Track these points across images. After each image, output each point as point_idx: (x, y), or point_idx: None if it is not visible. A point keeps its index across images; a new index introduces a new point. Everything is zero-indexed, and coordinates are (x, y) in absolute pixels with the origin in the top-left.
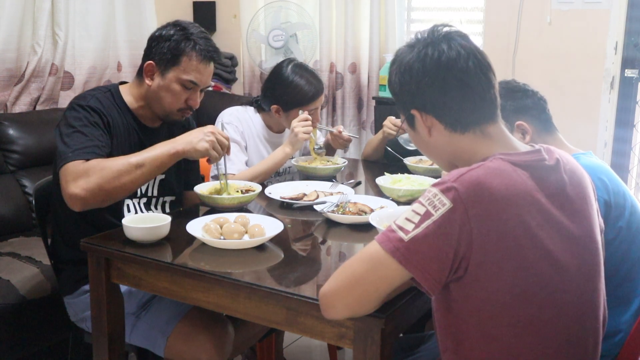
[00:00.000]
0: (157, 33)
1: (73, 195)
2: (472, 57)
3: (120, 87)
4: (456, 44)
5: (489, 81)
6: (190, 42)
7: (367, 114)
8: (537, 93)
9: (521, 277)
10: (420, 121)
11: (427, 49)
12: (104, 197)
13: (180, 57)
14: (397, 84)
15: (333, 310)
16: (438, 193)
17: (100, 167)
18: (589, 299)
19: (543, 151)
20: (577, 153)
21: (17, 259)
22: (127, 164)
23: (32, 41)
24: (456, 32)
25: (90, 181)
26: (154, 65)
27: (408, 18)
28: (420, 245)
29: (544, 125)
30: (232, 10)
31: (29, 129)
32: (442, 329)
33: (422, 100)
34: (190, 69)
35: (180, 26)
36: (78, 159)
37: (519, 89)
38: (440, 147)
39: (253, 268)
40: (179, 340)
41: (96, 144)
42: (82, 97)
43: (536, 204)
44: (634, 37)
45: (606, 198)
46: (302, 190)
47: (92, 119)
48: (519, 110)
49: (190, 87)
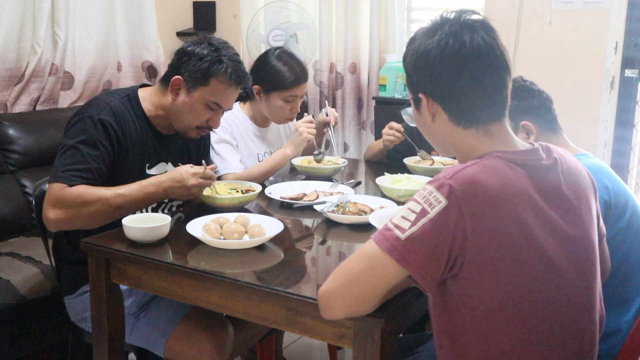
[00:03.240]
0: (190, 48)
1: (48, 220)
2: (492, 55)
3: (140, 91)
4: (478, 38)
5: (504, 82)
6: (222, 65)
7: (367, 114)
8: (543, 92)
9: (515, 275)
10: (426, 106)
11: (449, 39)
12: (78, 227)
13: (210, 78)
14: (411, 65)
15: (331, 311)
16: (433, 190)
17: (80, 202)
18: (584, 299)
19: (541, 150)
20: (577, 154)
21: (17, 259)
22: (106, 205)
23: (32, 41)
24: (482, 23)
25: (67, 212)
26: (181, 80)
27: (408, 18)
28: (416, 244)
29: (548, 125)
30: (232, 10)
31: (29, 129)
32: (438, 326)
33: (432, 87)
34: (218, 91)
35: (214, 46)
36: (63, 182)
37: (525, 89)
38: (440, 135)
39: (253, 268)
40: (179, 340)
41: (88, 167)
42: (97, 104)
43: (531, 203)
44: (634, 37)
45: (606, 199)
46: (302, 190)
47: (96, 135)
48: (525, 110)
49: (214, 109)
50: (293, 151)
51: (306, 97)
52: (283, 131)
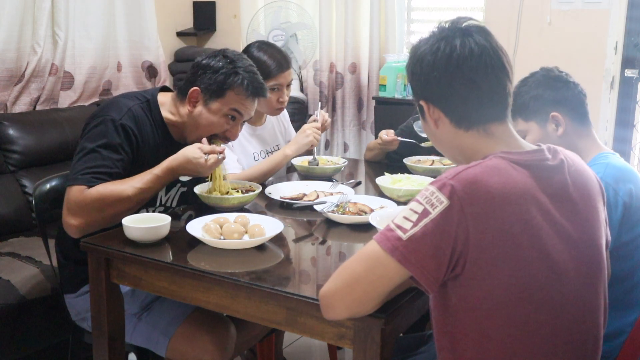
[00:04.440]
0: (205, 62)
1: (70, 226)
2: (485, 56)
3: (159, 95)
4: (471, 41)
5: (500, 82)
6: (238, 77)
7: (367, 114)
8: (578, 85)
9: (517, 276)
10: (428, 112)
11: (440, 43)
12: (101, 228)
13: (226, 90)
14: (409, 72)
15: (333, 311)
16: (435, 191)
17: (102, 204)
18: (588, 302)
19: (546, 151)
20: (604, 152)
21: (17, 259)
22: (128, 203)
23: (32, 41)
24: (476, 27)
25: (89, 217)
26: (199, 92)
27: (408, 18)
28: (418, 244)
29: (579, 120)
30: (232, 10)
31: (29, 129)
32: (439, 328)
33: (430, 93)
34: (235, 102)
35: (229, 58)
36: (83, 184)
37: (560, 79)
38: (446, 140)
39: (253, 268)
40: (181, 341)
41: (108, 171)
42: (118, 108)
43: (535, 203)
44: (634, 37)
45: (626, 200)
46: (302, 190)
47: (117, 140)
48: (557, 101)
49: (235, 117)
50: (294, 152)
51: (306, 97)
52: (278, 129)
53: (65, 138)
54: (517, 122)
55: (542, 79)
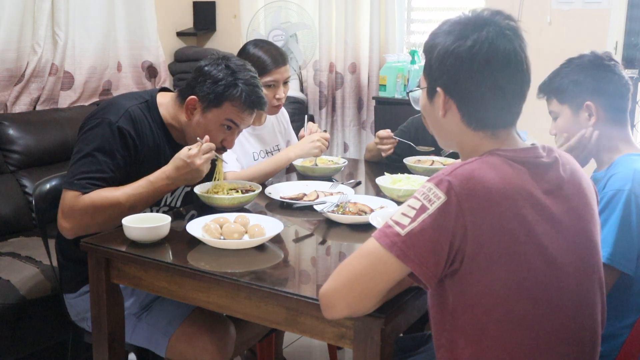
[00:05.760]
0: (207, 68)
1: (64, 229)
2: (520, 67)
3: (158, 96)
4: (511, 49)
5: (523, 94)
6: (237, 89)
7: (367, 114)
8: (623, 78)
9: (515, 271)
10: (441, 101)
11: (484, 45)
12: (94, 232)
13: (223, 102)
14: (437, 59)
15: (333, 310)
16: (433, 187)
17: (94, 210)
18: (585, 297)
19: (540, 149)
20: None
21: (17, 259)
22: (120, 209)
23: (32, 41)
24: (515, 32)
25: (81, 221)
26: (196, 101)
27: (408, 18)
28: (417, 239)
29: (614, 114)
30: (232, 10)
31: (29, 129)
32: (437, 325)
33: (454, 86)
34: (232, 113)
35: (231, 69)
36: (78, 190)
37: (605, 69)
38: (447, 130)
39: (253, 268)
40: (181, 340)
41: (103, 176)
42: (115, 110)
43: (532, 199)
44: (634, 37)
45: None
46: (302, 190)
47: (113, 143)
48: (594, 90)
49: (231, 127)
50: (297, 157)
51: (306, 97)
52: (277, 129)
53: (65, 138)
54: (551, 102)
55: (587, 64)
